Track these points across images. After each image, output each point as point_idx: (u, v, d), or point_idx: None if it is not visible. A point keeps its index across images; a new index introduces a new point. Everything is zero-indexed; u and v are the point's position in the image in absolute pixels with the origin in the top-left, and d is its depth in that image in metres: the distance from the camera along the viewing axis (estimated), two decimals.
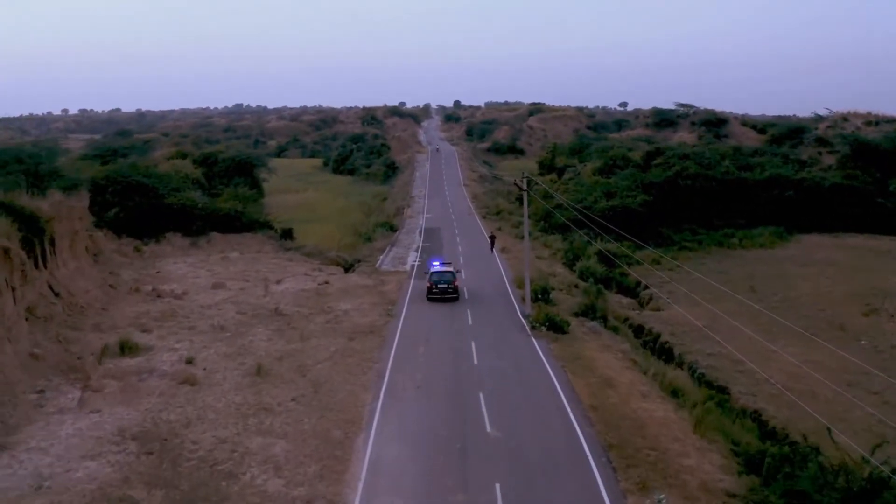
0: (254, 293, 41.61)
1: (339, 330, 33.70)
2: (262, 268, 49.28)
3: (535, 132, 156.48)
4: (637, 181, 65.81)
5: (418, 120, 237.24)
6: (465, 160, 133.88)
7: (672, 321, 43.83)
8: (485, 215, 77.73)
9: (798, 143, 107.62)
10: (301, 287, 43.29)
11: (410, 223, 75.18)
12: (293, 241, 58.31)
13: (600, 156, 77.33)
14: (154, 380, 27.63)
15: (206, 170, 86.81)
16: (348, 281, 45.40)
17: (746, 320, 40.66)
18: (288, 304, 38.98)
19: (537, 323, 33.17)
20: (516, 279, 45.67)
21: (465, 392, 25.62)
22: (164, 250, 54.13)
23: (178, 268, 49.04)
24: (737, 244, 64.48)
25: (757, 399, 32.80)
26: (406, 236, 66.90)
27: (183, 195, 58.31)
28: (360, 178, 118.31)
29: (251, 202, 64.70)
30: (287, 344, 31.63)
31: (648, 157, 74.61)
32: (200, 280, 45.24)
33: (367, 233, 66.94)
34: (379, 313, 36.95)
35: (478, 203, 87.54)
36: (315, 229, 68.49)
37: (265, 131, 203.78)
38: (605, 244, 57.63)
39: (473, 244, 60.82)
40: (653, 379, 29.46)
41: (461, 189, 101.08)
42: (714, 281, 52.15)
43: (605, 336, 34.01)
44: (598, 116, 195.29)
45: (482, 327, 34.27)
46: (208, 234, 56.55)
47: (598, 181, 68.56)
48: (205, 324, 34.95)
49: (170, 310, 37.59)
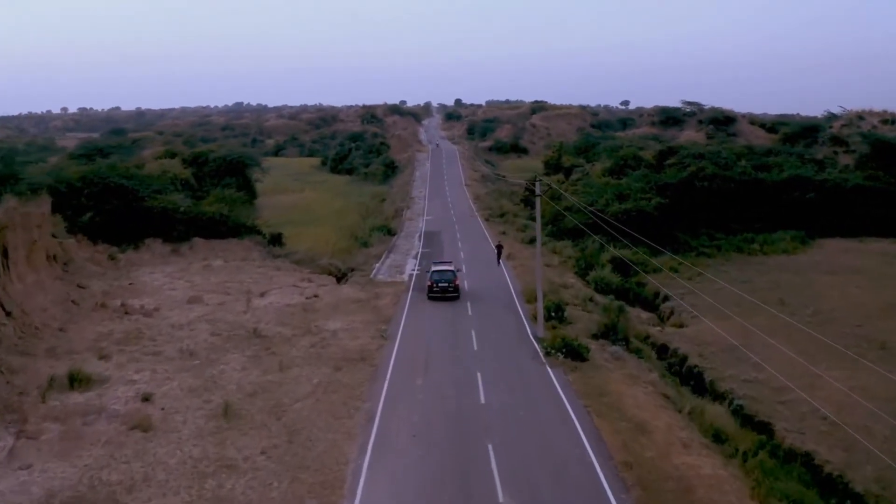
0: (233, 309, 37.05)
1: (325, 356, 29.12)
2: (246, 278, 44.73)
3: (539, 131, 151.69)
4: (651, 182, 61.18)
5: (419, 118, 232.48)
6: (467, 159, 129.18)
7: (699, 339, 39.27)
8: (488, 218, 73.14)
9: (812, 142, 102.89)
10: (287, 301, 38.73)
11: (410, 226, 70.59)
12: (282, 247, 53.77)
13: (610, 155, 72.65)
14: (102, 423, 23.08)
15: (196, 170, 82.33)
16: (340, 294, 40.84)
17: (780, 338, 36.27)
18: (270, 322, 34.41)
19: (552, 349, 28.60)
20: (525, 291, 41.10)
21: (472, 442, 21.03)
22: (142, 258, 49.59)
23: (155, 278, 44.47)
24: (757, 250, 59.97)
25: (806, 438, 28.26)
26: (405, 241, 62.32)
27: (164, 198, 53.77)
28: (359, 177, 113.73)
29: (239, 204, 60.02)
30: (263, 375, 27.07)
31: (661, 157, 69.94)
32: (177, 293, 40.68)
33: (364, 237, 62.38)
34: (371, 334, 32.37)
35: (480, 204, 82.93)
36: (309, 233, 63.99)
37: (263, 130, 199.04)
38: (618, 250, 53.10)
39: (477, 250, 56.24)
40: (690, 419, 24.94)
41: (463, 189, 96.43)
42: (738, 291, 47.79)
43: (630, 363, 29.41)
44: (601, 115, 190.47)
45: (489, 352, 29.70)
46: (191, 239, 52.01)
47: (608, 182, 63.92)
48: (172, 348, 30.39)
49: (136, 330, 33.04)
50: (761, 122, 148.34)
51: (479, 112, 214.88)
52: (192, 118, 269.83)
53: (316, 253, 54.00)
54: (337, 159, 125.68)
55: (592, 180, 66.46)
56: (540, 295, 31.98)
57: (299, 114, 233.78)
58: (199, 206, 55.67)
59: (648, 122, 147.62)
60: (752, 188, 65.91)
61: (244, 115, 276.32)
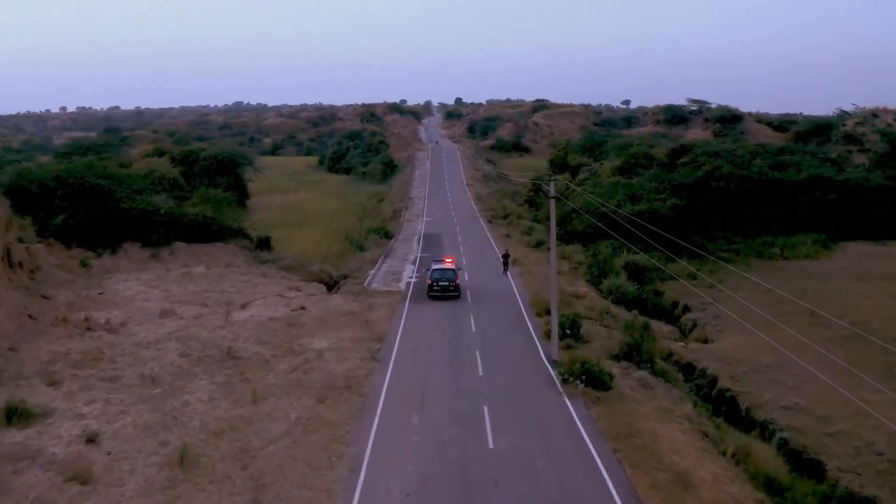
0: (209, 323, 32.98)
1: (307, 383, 25.05)
2: (228, 287, 40.67)
3: (541, 129, 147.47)
4: (665, 182, 57.06)
5: (419, 117, 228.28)
6: (468, 158, 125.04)
7: (727, 357, 35.28)
8: (491, 219, 69.09)
9: (825, 140, 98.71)
10: (270, 314, 34.65)
11: (408, 228, 66.54)
12: (270, 251, 49.66)
13: (619, 153, 68.45)
14: (35, 471, 19.02)
15: (186, 169, 78.41)
16: (329, 305, 36.76)
17: (816, 356, 32.38)
18: (248, 340, 30.35)
19: (570, 375, 24.54)
20: (533, 302, 37.03)
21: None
22: (118, 264, 45.54)
23: (129, 287, 40.42)
24: (778, 254, 56.02)
25: (863, 479, 24.27)
26: (403, 244, 58.25)
27: (144, 199, 49.70)
28: (357, 177, 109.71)
29: (225, 206, 55.87)
30: (233, 407, 23.00)
31: (673, 155, 65.77)
32: (150, 304, 36.62)
33: (359, 240, 58.31)
34: (362, 355, 28.30)
35: (482, 205, 78.88)
36: (301, 235, 59.94)
37: (262, 128, 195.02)
38: (632, 256, 49.06)
39: (480, 254, 52.19)
40: (735, 462, 20.90)
41: (464, 189, 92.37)
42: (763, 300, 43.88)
43: (660, 391, 25.32)
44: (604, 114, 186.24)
45: (497, 378, 25.63)
46: (171, 244, 47.97)
47: (619, 182, 59.79)
48: (133, 373, 26.33)
49: (96, 350, 28.98)
50: (768, 120, 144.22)
51: (480, 110, 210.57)
52: (190, 117, 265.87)
53: (307, 258, 49.96)
54: (334, 158, 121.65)
55: (601, 180, 62.39)
56: (555, 312, 27.88)
57: (298, 113, 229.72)
58: (182, 208, 51.59)
59: (653, 120, 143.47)
60: (769, 189, 61.87)
61: (243, 114, 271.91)
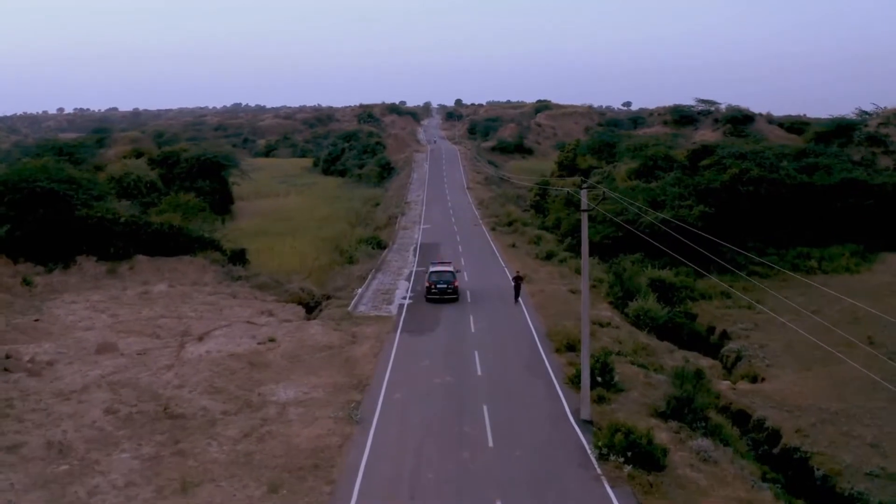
0: (155, 362, 26.71)
1: (260, 460, 18.72)
2: (189, 311, 34.37)
3: (544, 130, 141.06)
4: (689, 187, 50.75)
5: (418, 118, 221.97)
6: (469, 160, 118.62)
7: (785, 401, 29.00)
8: (494, 226, 62.76)
9: (847, 141, 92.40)
10: (232, 348, 28.37)
11: (404, 237, 60.27)
12: (245, 266, 43.34)
13: (634, 155, 62.06)
14: None
15: (165, 171, 72.33)
16: (305, 336, 30.45)
17: (891, 397, 26.43)
18: (197, 387, 24.05)
19: (609, 449, 18.23)
20: (550, 333, 30.72)
21: None
22: (68, 282, 39.21)
23: (73, 311, 34.13)
24: (815, 267, 49.73)
25: None
26: (397, 256, 51.96)
27: (102, 206, 43.42)
28: (352, 179, 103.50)
29: (197, 213, 49.49)
30: (155, 499, 16.72)
31: (694, 157, 59.46)
32: (90, 334, 30.33)
33: (349, 251, 52.03)
34: (337, 412, 21.98)
35: (485, 210, 72.57)
36: (284, 246, 53.71)
37: (257, 129, 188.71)
38: (656, 271, 42.87)
39: (484, 269, 45.94)
40: None
41: (465, 193, 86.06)
42: (812, 325, 37.67)
43: (726, 467, 18.98)
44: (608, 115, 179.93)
45: (512, 452, 19.21)
46: (132, 257, 41.65)
47: (636, 186, 53.47)
48: (40, 438, 20.03)
49: (5, 401, 22.71)
50: (779, 121, 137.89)
51: (481, 111, 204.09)
52: (187, 118, 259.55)
53: (287, 273, 43.69)
54: (329, 160, 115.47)
55: (616, 184, 56.12)
56: (585, 360, 21.29)
57: (294, 114, 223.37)
58: (148, 216, 45.34)
59: (660, 121, 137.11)
60: (800, 194, 55.61)
61: (239, 115, 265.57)
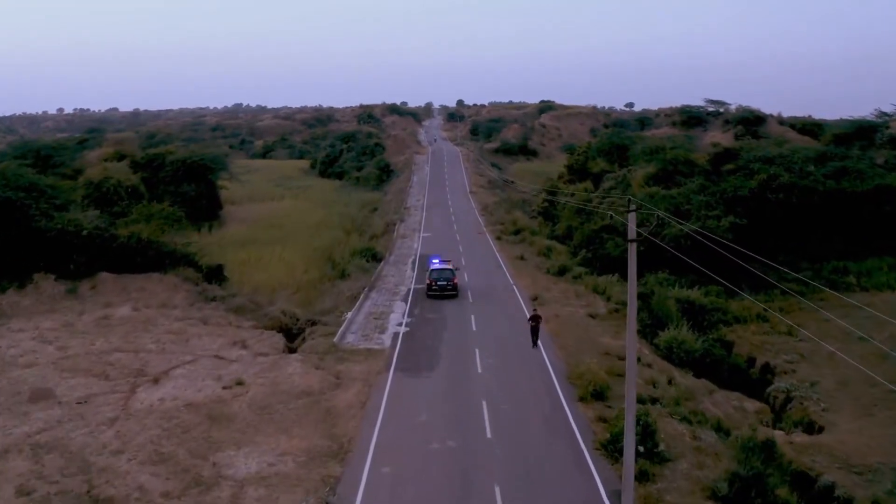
0: (96, 415, 21.77)
1: None
2: (150, 341, 29.42)
3: (549, 131, 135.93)
4: (716, 195, 45.70)
5: (419, 118, 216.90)
6: (471, 162, 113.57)
7: (852, 459, 23.92)
8: (499, 235, 57.76)
9: (868, 144, 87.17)
10: (191, 395, 23.44)
11: (402, 247, 55.33)
12: (222, 284, 38.33)
13: (651, 159, 56.90)
14: None
15: (150, 175, 67.42)
16: (281, 376, 25.49)
17: None
18: (138, 454, 19.12)
19: None
20: (571, 374, 25.75)
21: None
22: (21, 304, 34.29)
23: (18, 341, 29.23)
24: (854, 284, 44.64)
25: None
26: (393, 269, 47.03)
27: (64, 216, 38.51)
28: (349, 182, 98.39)
29: (174, 224, 44.49)
30: None
31: (717, 161, 54.44)
32: (31, 373, 25.44)
33: (342, 263, 47.10)
34: (307, 499, 17.03)
35: (489, 217, 67.59)
36: (271, 258, 48.72)
37: (255, 130, 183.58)
38: (683, 290, 37.96)
39: (489, 285, 41.03)
40: None
41: (467, 198, 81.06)
42: (863, 352, 33.04)
43: None
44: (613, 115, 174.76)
45: None
46: (96, 275, 36.72)
47: (655, 193, 48.46)
48: None
49: None
50: (790, 122, 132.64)
51: (483, 112, 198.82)
52: (186, 119, 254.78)
53: (270, 291, 38.70)
54: (326, 162, 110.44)
55: (632, 191, 51.17)
56: (630, 439, 15.92)
57: (294, 114, 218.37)
58: (116, 227, 40.43)
59: (668, 122, 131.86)
60: (832, 202, 50.57)
61: (239, 115, 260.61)
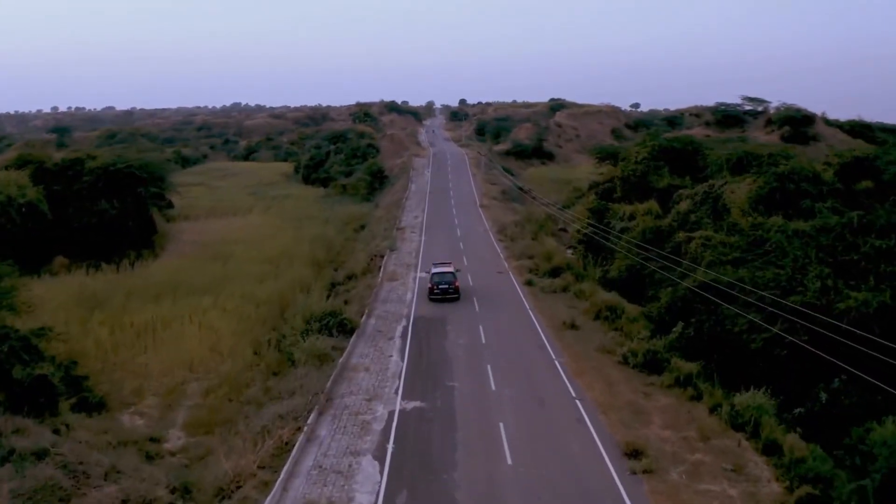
0: None
1: None
2: None
3: (565, 131, 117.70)
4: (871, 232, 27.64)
5: (420, 117, 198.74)
6: (480, 166, 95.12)
7: None
8: (529, 280, 39.57)
9: None
10: None
11: (389, 297, 37.35)
12: (59, 404, 20.22)
13: (756, 172, 36.45)
14: None
15: (62, 187, 49.89)
16: None
17: None
18: None
19: None
20: None
21: None
22: None
23: None
24: None
25: None
26: (369, 352, 29.08)
27: None
28: (335, 191, 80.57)
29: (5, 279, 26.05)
30: None
31: (844, 174, 36.35)
32: None
33: (292, 338, 29.17)
34: None
35: (510, 245, 49.34)
36: (196, 317, 31.03)
37: (242, 129, 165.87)
38: None
39: (540, 413, 23.11)
40: None
41: (478, 214, 62.97)
42: None
43: None
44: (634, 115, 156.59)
45: None
46: None
47: (772, 226, 30.17)
48: None
49: None
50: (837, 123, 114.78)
51: (489, 110, 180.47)
52: (178, 117, 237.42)
53: (155, 414, 20.84)
54: (310, 166, 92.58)
55: (732, 217, 32.89)
56: None
57: (288, 112, 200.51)
58: None
59: (702, 122, 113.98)
60: None
61: (232, 114, 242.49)
